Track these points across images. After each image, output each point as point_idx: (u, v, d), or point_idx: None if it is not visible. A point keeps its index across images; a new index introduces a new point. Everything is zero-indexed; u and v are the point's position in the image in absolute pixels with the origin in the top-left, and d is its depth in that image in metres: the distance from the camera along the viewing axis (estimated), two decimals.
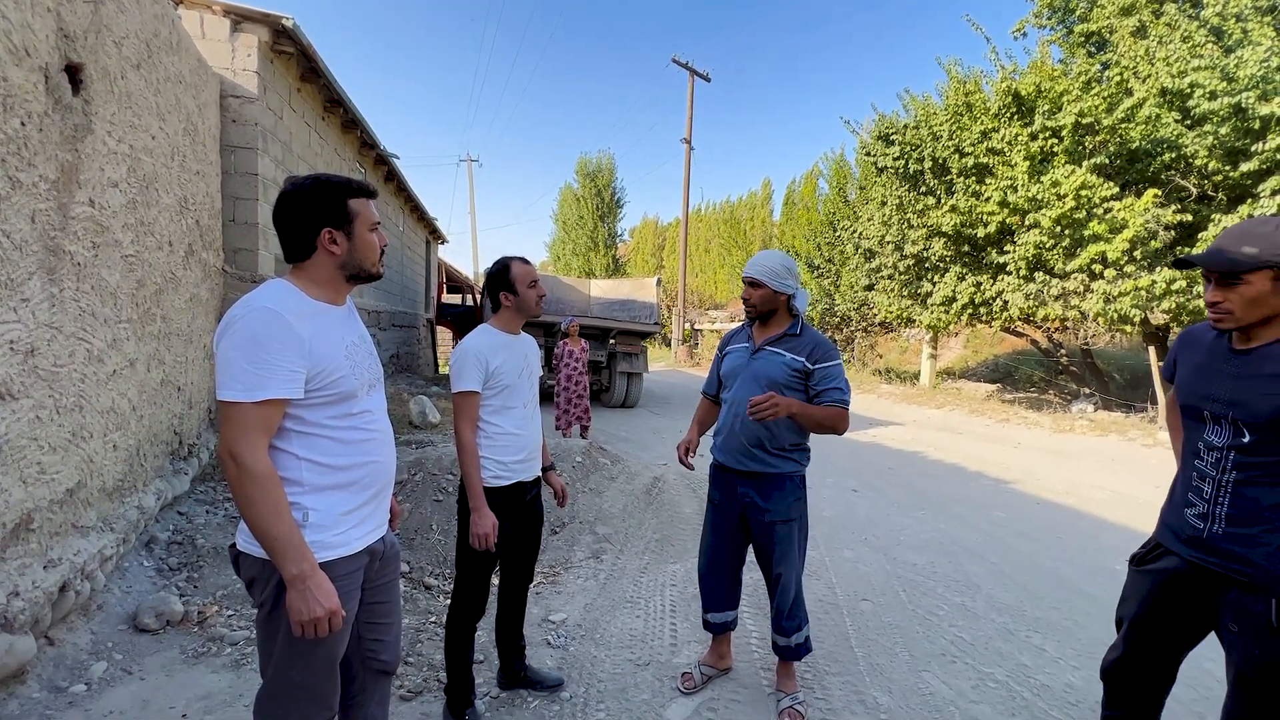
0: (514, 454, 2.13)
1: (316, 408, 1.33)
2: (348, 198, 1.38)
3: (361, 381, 1.40)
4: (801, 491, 2.25)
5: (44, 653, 2.24)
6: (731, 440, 2.23)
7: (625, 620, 3.00)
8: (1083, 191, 8.42)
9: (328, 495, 1.35)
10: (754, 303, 2.21)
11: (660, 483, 4.88)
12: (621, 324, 10.50)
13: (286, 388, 1.25)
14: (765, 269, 2.18)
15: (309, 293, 1.36)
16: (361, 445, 1.40)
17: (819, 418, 2.13)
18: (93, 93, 2.57)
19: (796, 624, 2.26)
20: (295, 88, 6.61)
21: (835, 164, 21.68)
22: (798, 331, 2.23)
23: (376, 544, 1.47)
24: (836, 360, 2.18)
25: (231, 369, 1.22)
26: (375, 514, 1.46)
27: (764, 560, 2.26)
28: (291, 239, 1.38)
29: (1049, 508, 5.38)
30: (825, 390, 2.14)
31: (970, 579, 3.68)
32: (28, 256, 2.12)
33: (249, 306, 1.26)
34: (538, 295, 2.15)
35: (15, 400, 2.05)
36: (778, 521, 2.19)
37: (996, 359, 17.71)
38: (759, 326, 2.29)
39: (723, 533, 2.32)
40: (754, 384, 2.18)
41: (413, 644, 2.68)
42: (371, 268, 1.44)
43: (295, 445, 1.32)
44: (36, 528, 2.20)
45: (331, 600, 1.25)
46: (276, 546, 1.22)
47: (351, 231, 1.38)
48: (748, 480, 2.21)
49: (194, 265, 4.25)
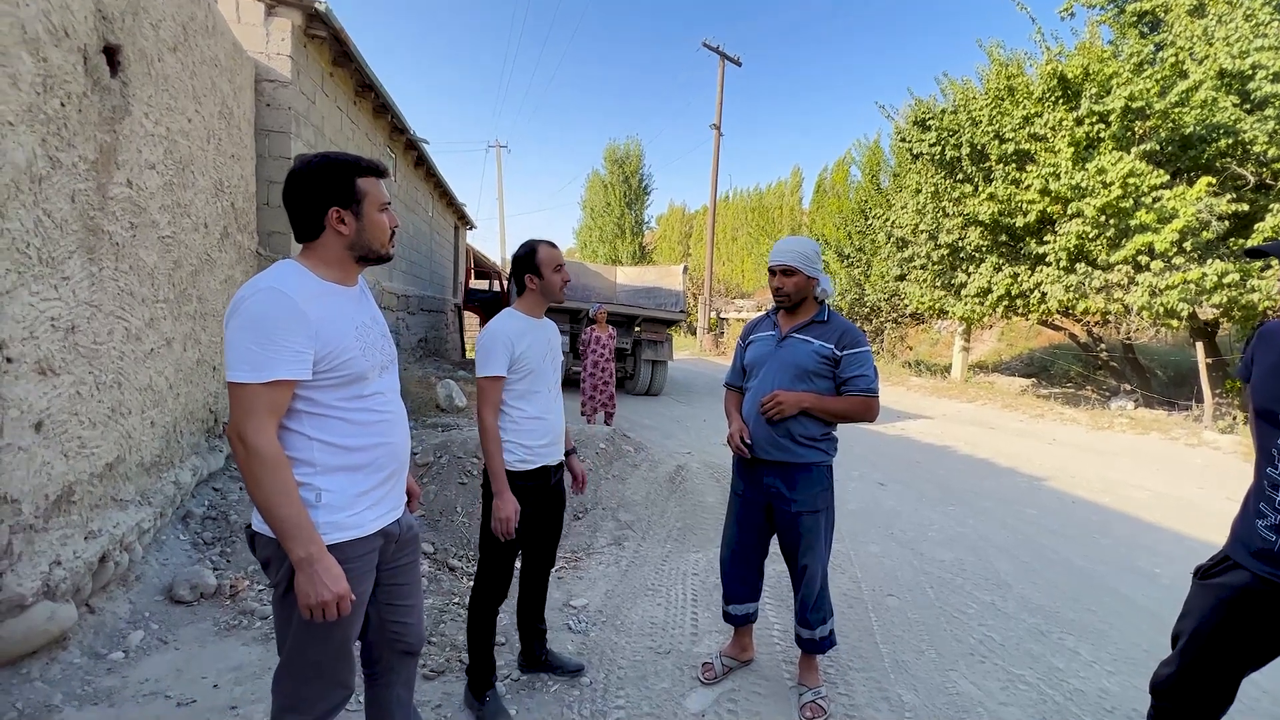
0: (539, 438, 2.12)
1: (327, 389, 1.31)
2: (356, 176, 1.35)
3: (373, 363, 1.38)
4: (829, 482, 2.21)
5: (85, 620, 2.32)
6: (758, 430, 2.18)
7: (646, 608, 3.00)
8: (1130, 179, 8.06)
9: (340, 476, 1.34)
10: (788, 290, 2.16)
11: (684, 471, 4.86)
12: (647, 311, 10.45)
13: (293, 369, 1.24)
14: (798, 254, 2.12)
15: (318, 273, 1.34)
16: (374, 427, 1.39)
17: (839, 410, 2.10)
18: (130, 74, 2.61)
19: (821, 616, 2.23)
20: (328, 72, 6.67)
21: (869, 150, 21.19)
22: (825, 318, 2.18)
23: (392, 526, 1.46)
24: (865, 347, 2.13)
25: (238, 350, 1.21)
26: (390, 496, 1.45)
27: (789, 551, 2.22)
28: (300, 218, 1.36)
29: (1084, 506, 5.21)
30: (853, 377, 2.10)
31: (1000, 577, 3.58)
32: (68, 235, 2.16)
33: (255, 287, 1.25)
34: (563, 280, 2.13)
35: (57, 376, 2.11)
36: (805, 512, 2.15)
37: (1031, 353, 17.23)
38: (785, 314, 2.24)
39: (746, 523, 2.29)
40: (781, 372, 2.14)
41: (436, 624, 2.71)
42: (380, 249, 1.41)
43: (307, 426, 1.31)
44: (77, 500, 2.27)
45: (339, 584, 1.24)
46: (284, 529, 1.22)
47: (360, 211, 1.35)
48: (774, 470, 2.17)
49: (229, 247, 4.32)
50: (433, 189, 13.45)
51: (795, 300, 2.17)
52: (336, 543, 1.31)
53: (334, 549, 1.29)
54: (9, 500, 1.89)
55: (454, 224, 16.43)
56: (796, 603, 2.26)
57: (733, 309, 25.40)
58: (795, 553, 2.19)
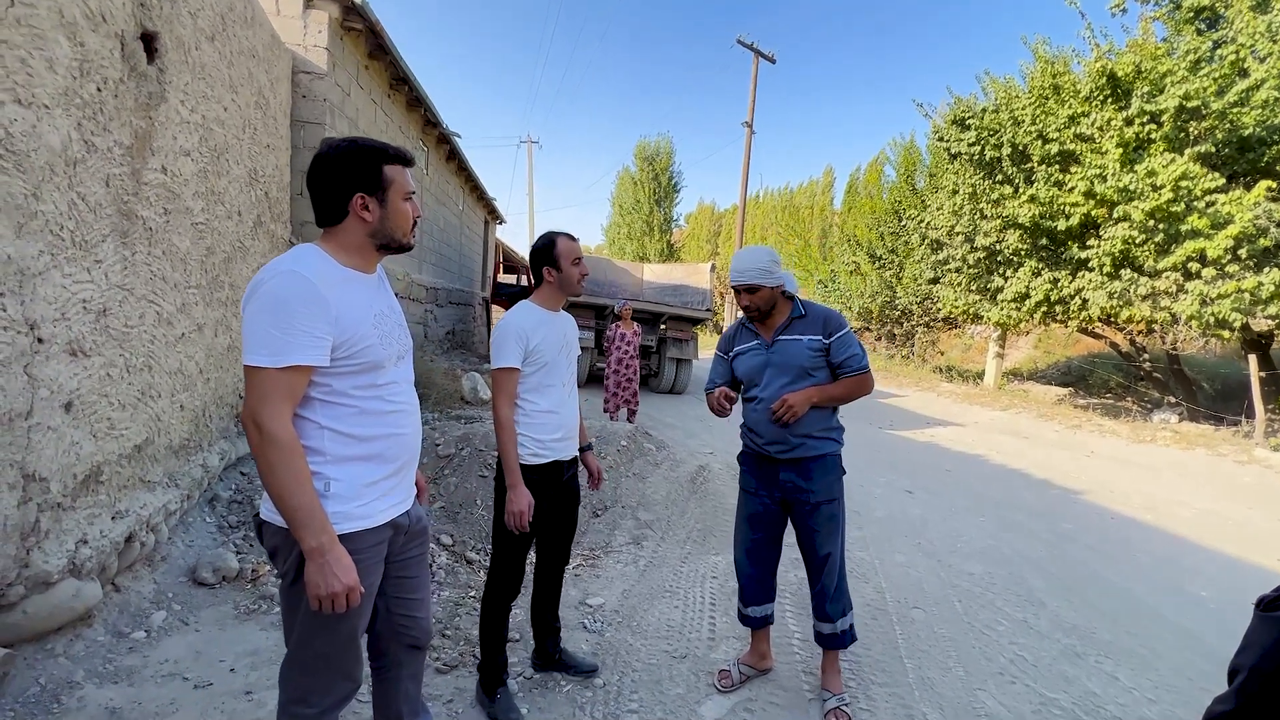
0: (551, 432, 2.09)
1: (342, 376, 1.30)
2: (383, 163, 1.33)
3: (389, 352, 1.37)
4: (841, 469, 2.22)
5: (110, 599, 2.36)
6: (775, 435, 2.17)
7: (663, 610, 2.94)
8: (1183, 182, 7.70)
9: (351, 466, 1.32)
10: (758, 305, 2.17)
11: (705, 472, 4.79)
12: (673, 309, 10.38)
13: (312, 354, 1.22)
14: (758, 270, 2.12)
15: (338, 259, 1.33)
16: (387, 416, 1.37)
17: (840, 394, 2.14)
18: (167, 62, 2.64)
19: (841, 608, 2.21)
20: (363, 65, 6.74)
21: (904, 150, 20.72)
22: (802, 312, 2.19)
23: (401, 518, 1.45)
24: (846, 327, 2.16)
25: (257, 333, 1.20)
26: (400, 487, 1.44)
27: (809, 543, 2.20)
28: (323, 202, 1.34)
29: (1124, 523, 5.00)
30: (846, 359, 2.13)
31: (1033, 593, 3.44)
32: (101, 219, 2.19)
33: (275, 270, 1.23)
34: (581, 273, 2.10)
35: (87, 357, 2.14)
36: (823, 501, 2.16)
37: (1069, 361, 16.68)
38: (760, 324, 2.24)
39: (760, 522, 2.27)
40: (782, 375, 2.15)
41: (451, 617, 2.70)
42: (403, 238, 1.39)
43: (319, 414, 1.30)
44: (105, 480, 2.31)
45: (350, 575, 1.23)
46: (296, 517, 1.20)
47: (385, 199, 1.34)
48: (790, 467, 2.17)
49: (262, 236, 4.38)
50: (464, 183, 13.56)
51: (764, 311, 2.19)
52: (346, 533, 1.29)
53: (343, 540, 1.27)
54: (38, 479, 1.93)
55: (484, 218, 16.56)
56: (815, 597, 2.24)
57: None
58: (815, 543, 2.18)
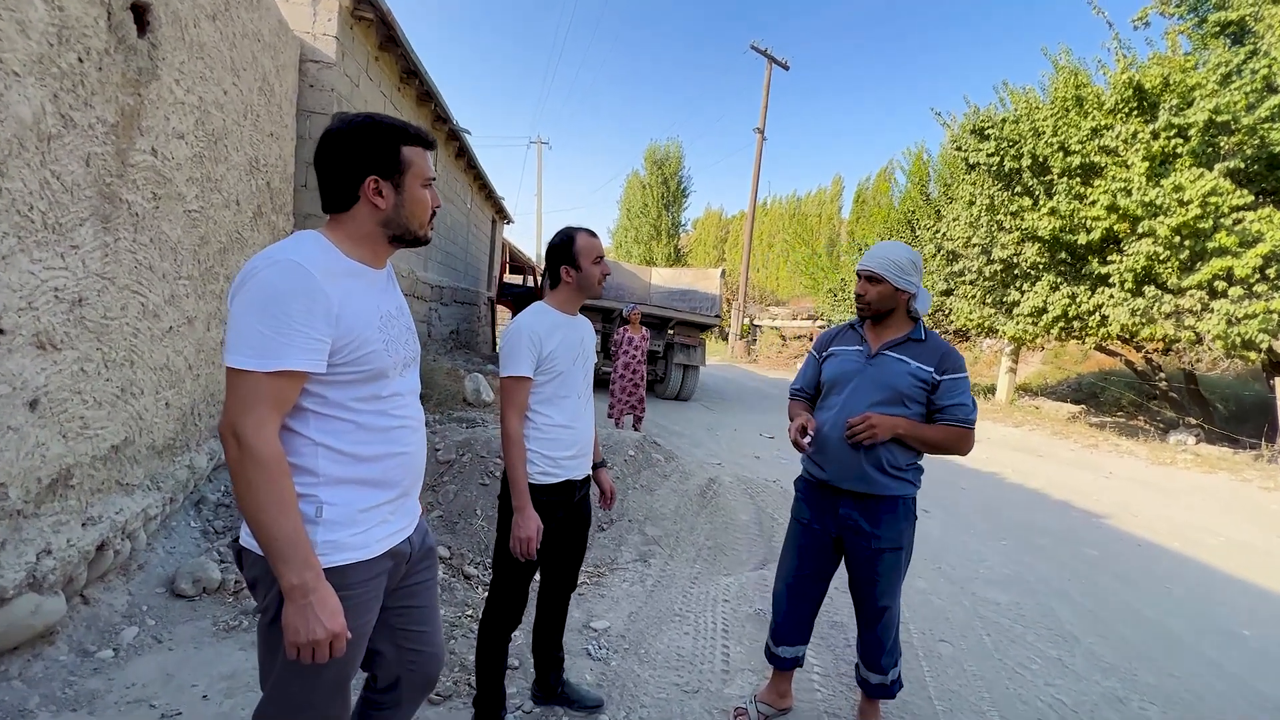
0: (565, 449, 1.90)
1: (341, 385, 1.12)
2: (401, 144, 1.17)
3: (395, 359, 1.19)
4: (914, 516, 1.97)
5: (77, 613, 2.18)
6: (842, 454, 1.91)
7: (673, 636, 2.75)
8: (1211, 198, 7.48)
9: (346, 489, 1.14)
10: (869, 299, 1.91)
11: (715, 484, 4.59)
12: (681, 314, 10.19)
13: (307, 359, 1.05)
14: (887, 262, 1.88)
15: (343, 249, 1.15)
16: (389, 433, 1.19)
17: (934, 439, 1.85)
18: (160, 36, 2.47)
19: (894, 660, 2.01)
20: (373, 56, 6.59)
21: (915, 159, 20.52)
22: (922, 336, 1.92)
23: (402, 545, 1.26)
24: (965, 373, 1.88)
25: (244, 331, 1.02)
26: (400, 512, 1.26)
27: (865, 591, 1.97)
28: (331, 185, 1.17)
29: (1150, 550, 4.78)
30: (951, 405, 1.85)
31: (1064, 627, 3.23)
32: (79, 201, 2.02)
33: (270, 259, 1.05)
34: (602, 273, 1.90)
35: (58, 351, 1.97)
36: (887, 549, 1.91)
37: (1080, 378, 16.41)
38: (872, 328, 1.99)
39: (810, 557, 2.04)
40: (871, 392, 1.89)
41: (446, 640, 2.51)
42: (419, 229, 1.23)
43: (312, 428, 1.11)
44: (76, 484, 2.13)
45: (335, 620, 1.05)
46: (275, 548, 1.02)
47: (401, 184, 1.17)
48: (853, 501, 1.93)
49: (262, 227, 4.22)
50: (472, 181, 13.42)
51: (876, 311, 1.93)
52: (336, 565, 1.11)
53: (332, 572, 1.10)
54: None
55: (492, 217, 16.42)
56: (867, 645, 2.02)
57: (766, 316, 24.91)
58: (873, 593, 1.95)
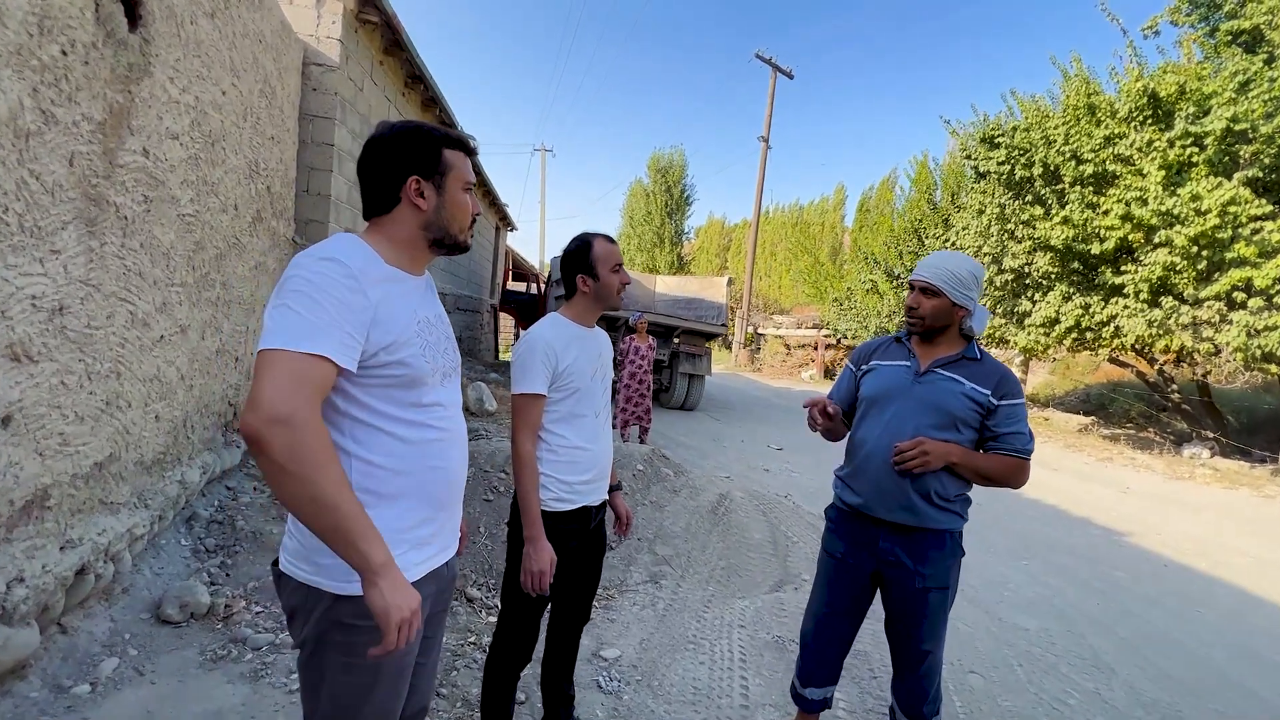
0: (581, 473, 1.76)
1: (378, 389, 1.06)
2: (444, 147, 1.17)
3: (435, 366, 1.15)
4: (961, 551, 1.79)
5: (53, 643, 2.03)
6: (887, 482, 1.73)
7: (687, 666, 2.59)
8: (1230, 208, 7.35)
9: (382, 506, 1.06)
10: (923, 313, 1.74)
11: (727, 500, 4.44)
12: (687, 323, 10.06)
13: (340, 350, 0.97)
14: (946, 274, 1.71)
15: (383, 253, 1.11)
16: (430, 446, 1.12)
17: (989, 469, 1.68)
18: (154, 32, 2.35)
19: (936, 708, 1.83)
20: (378, 60, 6.50)
21: (921, 167, 20.41)
22: (978, 356, 1.75)
23: (442, 568, 1.19)
24: (1023, 399, 1.71)
25: (279, 320, 0.95)
26: (442, 532, 1.18)
27: (907, 633, 1.79)
28: (373, 187, 1.15)
29: (1178, 570, 4.61)
30: (1009, 434, 1.68)
31: (1099, 657, 3.07)
32: (61, 204, 1.89)
33: (312, 255, 1.02)
34: (621, 282, 1.77)
35: (34, 363, 1.83)
36: (933, 589, 1.72)
37: (1088, 388, 16.21)
38: (919, 343, 1.82)
39: (842, 593, 1.86)
40: (921, 414, 1.72)
41: (448, 671, 2.35)
42: (460, 233, 1.20)
43: (348, 437, 1.05)
44: (54, 505, 1.99)
45: (415, 596, 0.97)
46: (355, 527, 0.91)
47: (443, 185, 1.16)
48: (895, 534, 1.75)
49: (262, 232, 4.10)
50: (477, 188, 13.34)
51: (929, 327, 1.76)
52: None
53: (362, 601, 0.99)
54: None
55: (495, 224, 16.34)
56: (910, 692, 1.84)
57: (770, 325, 24.76)
58: (916, 635, 1.77)
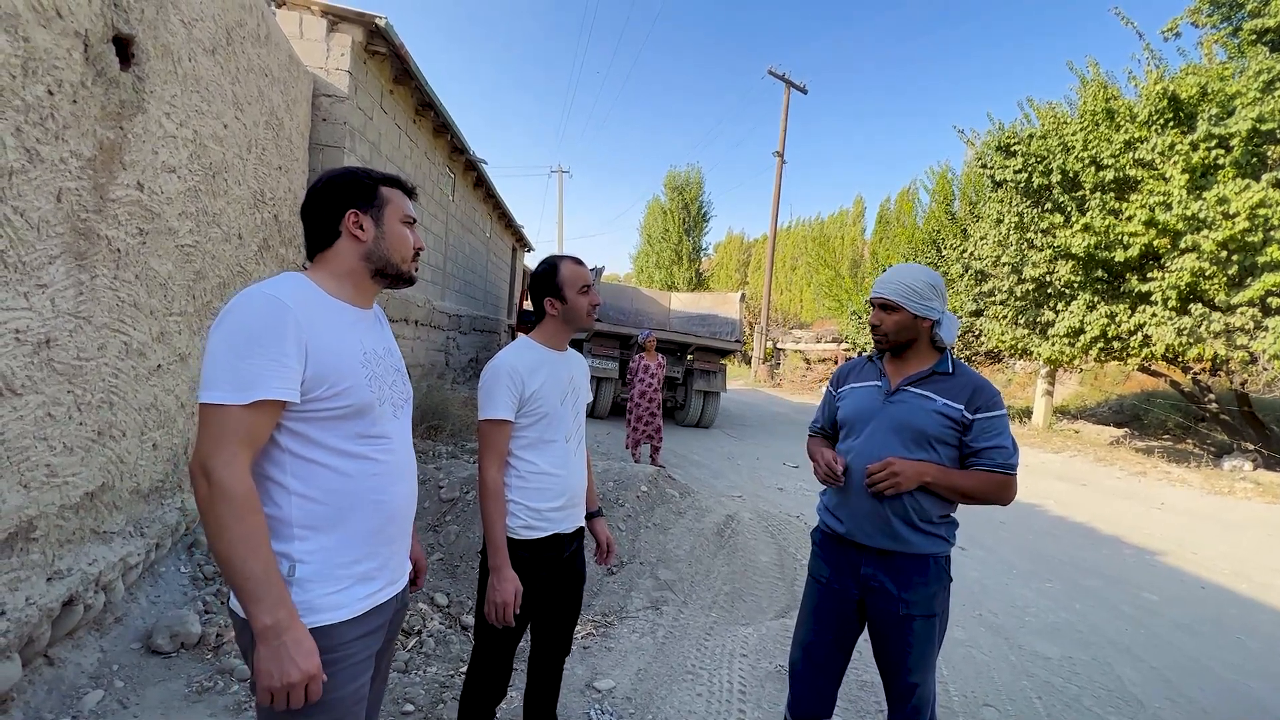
0: (551, 499, 1.72)
1: (322, 422, 1.07)
2: (380, 184, 1.23)
3: (381, 397, 1.16)
4: (947, 578, 1.70)
5: (38, 675, 2.03)
6: (859, 505, 1.67)
7: (684, 698, 2.50)
8: (1260, 210, 7.09)
9: (323, 541, 1.07)
10: (885, 330, 1.69)
11: (734, 522, 4.34)
12: (700, 340, 10.00)
13: (280, 385, 1.01)
14: (902, 287, 1.66)
15: (326, 287, 1.15)
16: (372, 480, 1.12)
17: (969, 487, 1.61)
18: (147, 70, 2.42)
19: None
20: (388, 89, 6.65)
21: (939, 178, 20.18)
22: (949, 369, 1.68)
23: (391, 601, 1.19)
24: (1002, 410, 1.63)
25: (218, 365, 1.00)
26: (388, 566, 1.18)
27: (892, 662, 1.71)
28: (315, 225, 1.19)
29: (1216, 593, 4.36)
30: (987, 449, 1.61)
31: (1127, 689, 2.89)
32: (48, 239, 1.93)
33: (246, 295, 1.05)
34: (590, 303, 1.74)
35: (18, 396, 1.86)
36: (917, 616, 1.64)
37: (1121, 399, 15.68)
38: (891, 361, 1.76)
39: (828, 620, 1.78)
40: (892, 434, 1.66)
41: (434, 704, 2.30)
42: (402, 264, 1.23)
43: (289, 473, 1.05)
44: (40, 536, 2.00)
45: (310, 661, 1.00)
46: (247, 587, 0.98)
47: (380, 217, 1.20)
48: (877, 559, 1.68)
49: (269, 261, 4.17)
50: (491, 210, 13.54)
51: (895, 342, 1.70)
52: (313, 627, 1.04)
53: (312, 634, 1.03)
54: None
55: (511, 245, 16.54)
56: None
57: (790, 339, 24.53)
58: (901, 666, 1.67)
